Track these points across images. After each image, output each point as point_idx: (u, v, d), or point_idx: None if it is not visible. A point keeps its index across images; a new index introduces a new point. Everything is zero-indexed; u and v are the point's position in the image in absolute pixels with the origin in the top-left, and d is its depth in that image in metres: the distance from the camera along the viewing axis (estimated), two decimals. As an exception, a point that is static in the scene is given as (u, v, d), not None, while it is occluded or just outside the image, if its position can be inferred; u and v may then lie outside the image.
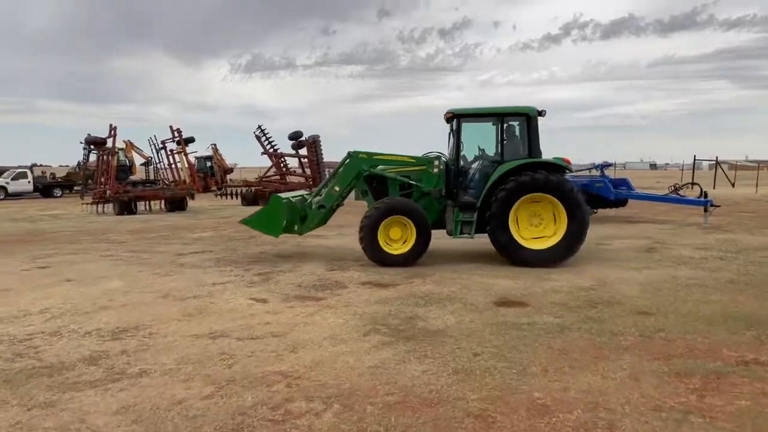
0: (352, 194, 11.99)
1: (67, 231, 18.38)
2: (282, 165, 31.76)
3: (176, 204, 25.65)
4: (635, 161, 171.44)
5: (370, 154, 11.78)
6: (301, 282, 9.49)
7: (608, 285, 9.04)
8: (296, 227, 11.55)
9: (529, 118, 10.82)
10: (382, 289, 8.89)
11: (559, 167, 10.80)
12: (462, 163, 11.28)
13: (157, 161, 35.35)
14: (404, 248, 10.72)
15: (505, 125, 11.00)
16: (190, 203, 27.34)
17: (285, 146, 31.60)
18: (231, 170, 46.85)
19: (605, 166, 20.08)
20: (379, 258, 10.68)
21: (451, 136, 11.49)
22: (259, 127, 31.23)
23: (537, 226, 10.61)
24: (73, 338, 6.50)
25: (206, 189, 40.24)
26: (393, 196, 11.31)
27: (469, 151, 11.63)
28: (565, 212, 10.34)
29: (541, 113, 10.83)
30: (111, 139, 26.00)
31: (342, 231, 16.20)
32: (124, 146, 41.23)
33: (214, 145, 44.29)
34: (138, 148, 42.37)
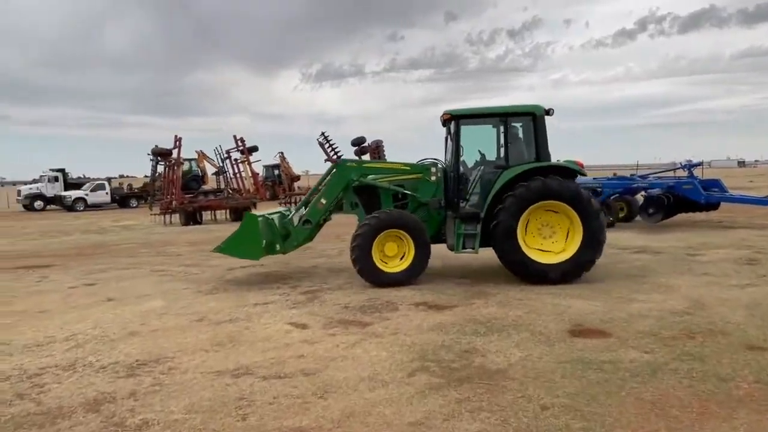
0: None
1: (129, 243, 18.34)
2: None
3: (240, 213, 25.45)
4: (721, 159, 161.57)
5: (359, 163, 10.76)
6: (348, 302, 8.57)
7: (707, 308, 7.61)
8: (278, 246, 10.30)
9: (535, 117, 9.73)
10: (438, 313, 7.84)
11: (571, 172, 9.66)
12: (462, 169, 10.13)
13: (226, 171, 35.64)
14: (402, 265, 9.59)
15: (509, 126, 9.91)
16: (254, 212, 27.07)
17: (349, 152, 31.04)
18: (298, 178, 46.90)
19: (693, 165, 18.14)
20: (374, 278, 9.50)
21: (449, 139, 10.34)
22: (322, 133, 30.88)
23: (548, 238, 9.52)
24: (86, 374, 5.83)
25: (274, 197, 40.40)
26: (386, 208, 10.14)
27: (468, 157, 10.39)
28: (581, 223, 9.21)
29: (548, 112, 9.76)
30: (176, 150, 26.17)
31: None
32: (196, 156, 42.04)
33: (281, 153, 44.44)
34: (210, 158, 43.03)
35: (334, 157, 30.76)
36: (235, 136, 29.80)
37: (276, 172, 44.62)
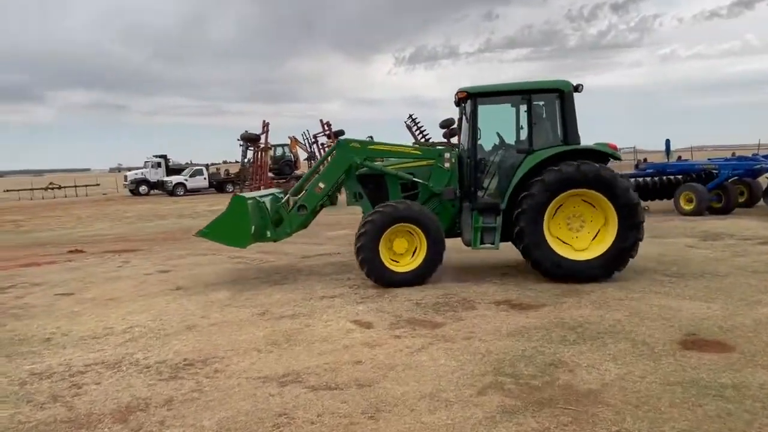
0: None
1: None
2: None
3: (331, 197, 25.22)
4: None
5: (363, 144, 9.59)
6: (421, 298, 7.77)
7: None
8: (269, 233, 9.32)
9: (563, 94, 8.59)
10: (520, 314, 6.88)
11: (604, 155, 8.50)
12: (479, 154, 8.93)
13: (307, 156, 35.67)
14: (412, 264, 8.54)
15: (532, 105, 8.71)
16: (341, 196, 26.81)
17: (438, 135, 30.08)
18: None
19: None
20: (382, 278, 8.45)
21: (465, 120, 9.15)
22: (410, 116, 30.09)
23: (577, 231, 8.44)
24: (128, 374, 5.42)
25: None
26: (394, 198, 9.09)
27: (486, 140, 9.17)
28: (616, 214, 8.10)
29: (577, 88, 8.63)
30: (264, 135, 26.29)
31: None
32: (289, 142, 42.57)
33: (371, 137, 44.02)
34: (301, 143, 43.44)
35: (422, 140, 29.90)
36: (321, 121, 29.63)
37: (365, 156, 44.17)
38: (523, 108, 8.90)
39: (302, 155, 44.07)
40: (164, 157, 44.94)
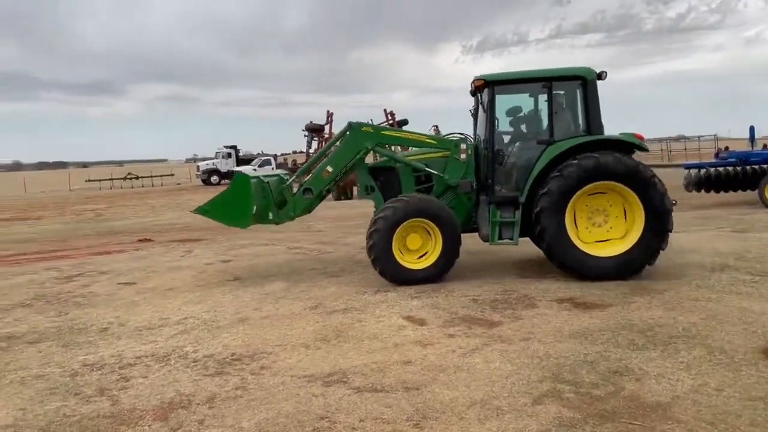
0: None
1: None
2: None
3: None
4: None
5: (376, 128, 9.02)
6: (479, 294, 7.43)
7: None
8: (271, 215, 8.92)
9: (585, 82, 8.15)
10: (585, 313, 6.43)
11: (629, 146, 8.03)
12: (497, 145, 8.45)
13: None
14: (427, 261, 8.14)
15: (553, 93, 8.25)
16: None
17: (504, 123, 29.27)
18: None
19: None
20: (394, 274, 8.07)
21: (481, 110, 8.69)
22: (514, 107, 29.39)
23: (600, 226, 8.02)
24: (176, 368, 5.38)
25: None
26: (408, 192, 8.63)
27: (504, 130, 8.80)
28: (642, 207, 7.68)
29: (600, 75, 8.17)
30: (328, 126, 26.38)
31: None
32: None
33: (436, 126, 43.45)
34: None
35: (524, 129, 29.16)
36: (385, 110, 29.40)
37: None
38: (543, 96, 8.46)
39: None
40: (234, 147, 46.07)
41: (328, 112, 25.66)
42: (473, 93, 9.05)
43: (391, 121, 29.33)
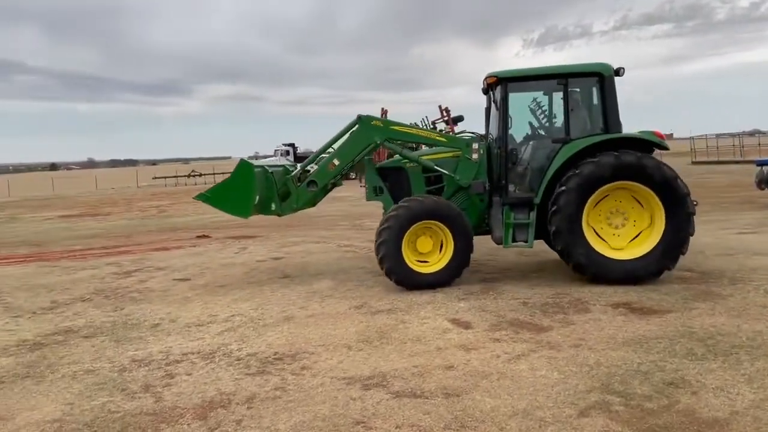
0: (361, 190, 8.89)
1: (332, 215, 18.78)
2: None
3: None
4: None
5: (386, 123, 8.69)
6: (530, 297, 7.20)
7: None
8: (273, 206, 8.67)
9: (603, 78, 7.87)
10: (641, 319, 6.11)
11: (649, 144, 7.74)
12: (510, 144, 8.11)
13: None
14: (438, 264, 7.87)
15: (569, 90, 7.91)
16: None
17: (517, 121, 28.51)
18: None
19: None
20: (404, 279, 7.81)
21: (494, 108, 8.45)
22: (534, 99, 28.73)
23: (619, 228, 7.75)
24: (219, 365, 5.43)
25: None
26: (418, 193, 8.40)
27: (517, 129, 8.45)
28: (663, 208, 7.41)
29: (618, 72, 7.90)
30: (383, 123, 26.34)
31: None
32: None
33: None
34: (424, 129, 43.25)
35: (547, 124, 28.49)
36: (440, 106, 29.10)
37: (488, 142, 43.33)
38: (559, 94, 8.10)
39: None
40: (292, 145, 46.75)
41: (382, 109, 25.65)
42: (485, 91, 8.85)
43: (446, 118, 29.01)
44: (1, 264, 12.35)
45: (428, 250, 7.92)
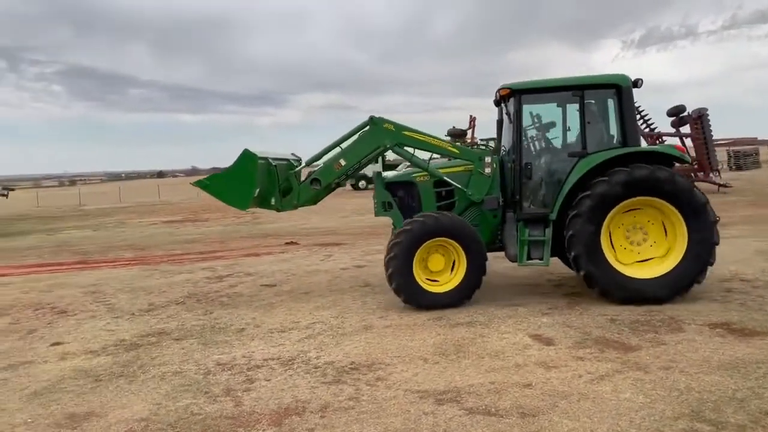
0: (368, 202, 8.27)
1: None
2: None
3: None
4: None
5: (398, 127, 8.21)
6: (618, 313, 6.86)
7: None
8: (273, 200, 8.36)
9: (620, 90, 7.60)
10: (740, 341, 5.66)
11: (669, 158, 7.49)
12: (525, 158, 7.79)
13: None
14: (450, 283, 7.56)
15: (585, 103, 7.62)
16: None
17: (666, 124, 27.05)
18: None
19: None
20: (415, 298, 7.52)
21: (507, 121, 8.21)
22: (533, 114, 27.52)
23: (639, 245, 7.47)
24: (297, 373, 5.54)
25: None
26: (428, 208, 8.07)
27: (531, 142, 8.28)
28: (683, 220, 7.14)
29: (636, 83, 7.63)
30: (470, 131, 26.13)
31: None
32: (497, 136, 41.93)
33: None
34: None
35: (646, 129, 27.14)
36: (530, 113, 28.55)
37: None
38: (574, 106, 7.78)
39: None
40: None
41: (470, 117, 25.44)
42: (497, 102, 8.57)
43: (537, 124, 28.45)
44: (109, 266, 13.28)
45: (440, 269, 7.68)
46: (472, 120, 25.67)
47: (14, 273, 12.95)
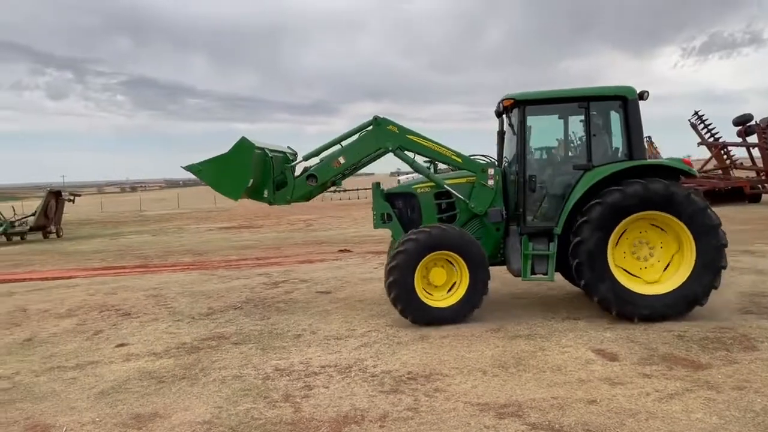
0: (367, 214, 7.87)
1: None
2: (725, 156, 26.25)
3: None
4: None
5: (403, 131, 7.89)
6: (686, 329, 6.59)
7: None
8: (266, 193, 8.08)
9: (626, 102, 7.45)
10: (822, 363, 5.34)
11: (675, 171, 7.31)
12: (529, 171, 7.59)
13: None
14: (452, 298, 7.37)
15: (591, 114, 7.48)
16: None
17: (730, 133, 26.05)
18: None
19: None
20: (417, 314, 7.29)
21: (510, 132, 8.09)
22: (696, 113, 26.61)
23: (645, 260, 7.28)
24: (354, 381, 5.54)
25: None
26: (429, 221, 7.88)
27: (535, 154, 8.05)
28: (693, 240, 6.93)
29: (642, 95, 7.49)
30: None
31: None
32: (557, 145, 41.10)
33: (649, 137, 40.12)
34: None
35: (711, 139, 26.18)
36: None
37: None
38: (579, 118, 7.63)
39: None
40: (431, 160, 47.09)
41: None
42: (499, 114, 8.35)
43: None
44: (169, 270, 13.66)
45: (441, 283, 7.47)
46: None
47: (81, 275, 13.49)
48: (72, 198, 27.89)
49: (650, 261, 7.28)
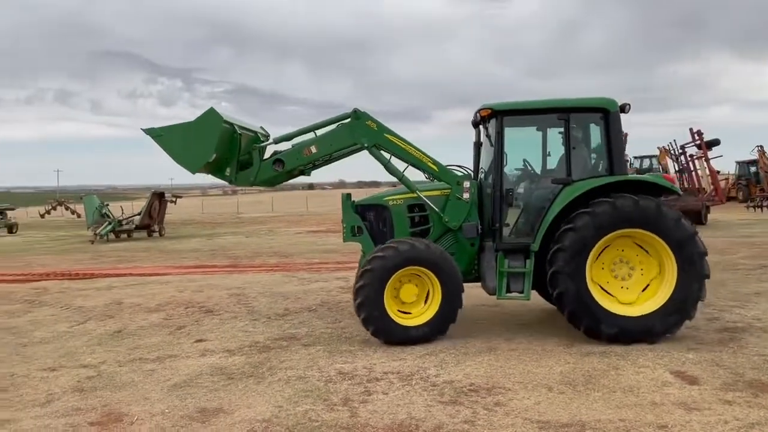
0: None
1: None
2: None
3: (692, 217, 22.27)
4: None
5: (381, 129, 7.40)
6: (781, 355, 6.04)
7: None
8: (228, 171, 7.57)
9: (607, 114, 7.18)
10: None
11: (657, 188, 7.18)
12: (506, 184, 7.33)
13: (690, 169, 31.88)
14: (424, 316, 6.99)
15: (571, 127, 7.19)
16: (711, 216, 23.49)
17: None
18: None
19: None
20: (387, 333, 6.90)
21: (487, 143, 7.72)
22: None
23: (624, 279, 7.01)
24: (414, 389, 5.49)
25: (747, 197, 34.62)
26: (401, 234, 7.51)
27: (512, 167, 7.80)
28: (673, 257, 6.65)
29: (623, 108, 7.24)
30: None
31: None
32: (658, 153, 39.19)
33: (760, 146, 37.32)
34: (671, 154, 39.42)
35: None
36: (691, 129, 26.29)
37: (752, 169, 37.96)
38: (559, 130, 7.29)
39: (671, 167, 39.96)
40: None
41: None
42: (476, 124, 7.87)
43: (698, 142, 26.11)
44: (255, 271, 14.18)
45: (412, 300, 7.07)
46: (624, 136, 24.15)
47: (173, 272, 14.28)
48: (174, 199, 29.64)
49: (630, 280, 6.97)
